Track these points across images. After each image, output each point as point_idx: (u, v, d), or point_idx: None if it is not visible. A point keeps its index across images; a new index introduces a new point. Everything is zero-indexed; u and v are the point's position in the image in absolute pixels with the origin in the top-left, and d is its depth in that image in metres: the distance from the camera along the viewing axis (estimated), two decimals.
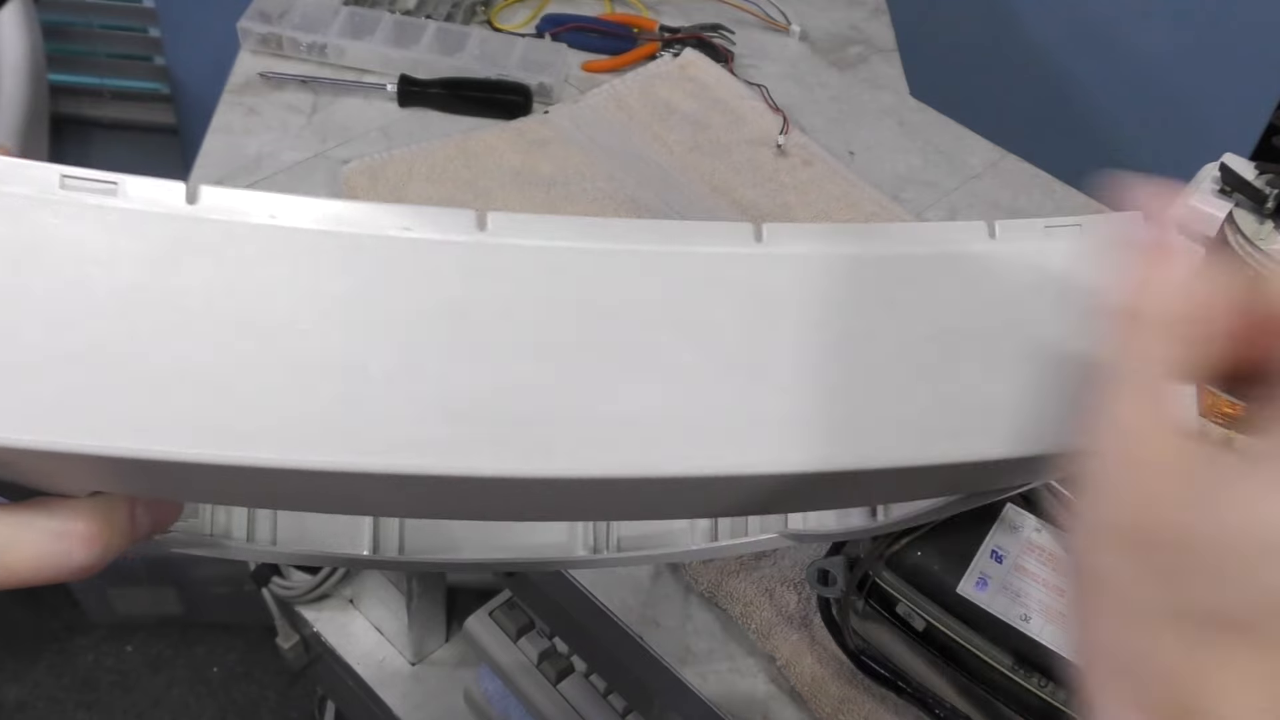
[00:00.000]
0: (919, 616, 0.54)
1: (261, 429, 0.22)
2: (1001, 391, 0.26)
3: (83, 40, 1.70)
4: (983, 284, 0.26)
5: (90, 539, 0.28)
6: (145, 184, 0.23)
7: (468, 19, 1.00)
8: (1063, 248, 0.27)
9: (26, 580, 0.28)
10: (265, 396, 0.22)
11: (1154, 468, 0.23)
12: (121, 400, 0.22)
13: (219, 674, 1.59)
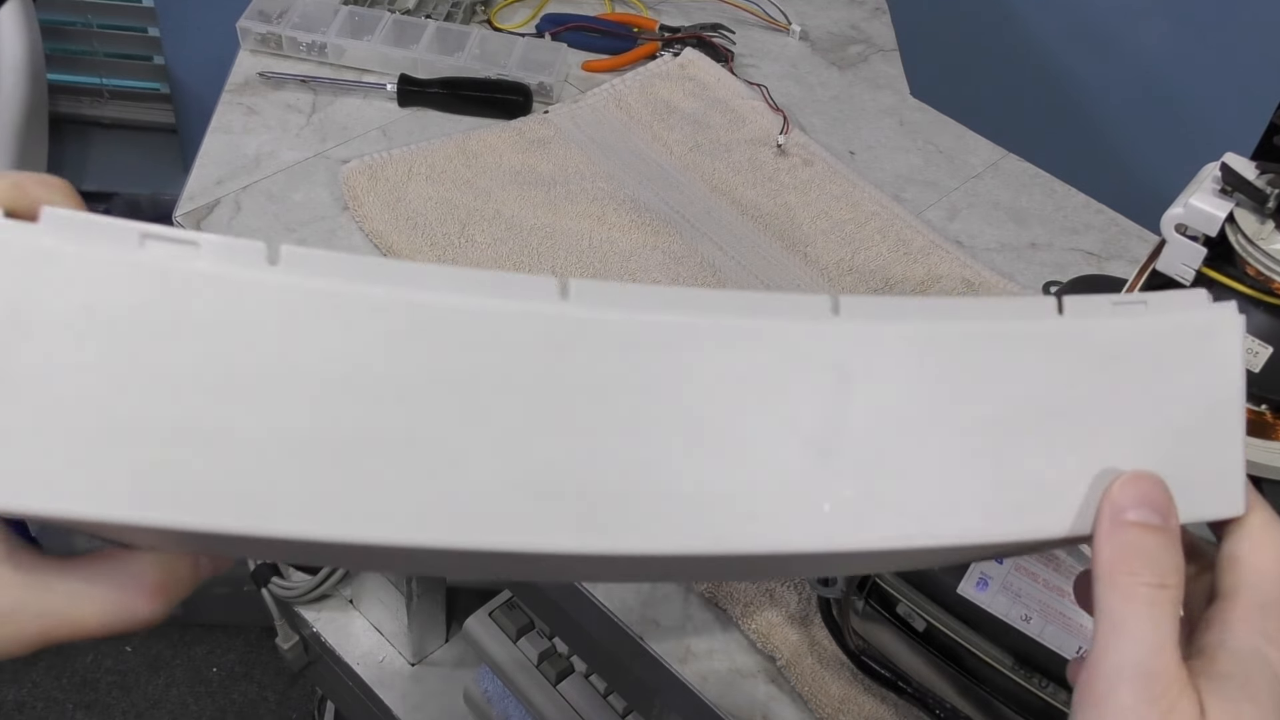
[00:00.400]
0: (919, 616, 0.54)
1: (362, 509, 0.22)
2: (1066, 471, 0.27)
3: (82, 40, 1.70)
4: (1051, 364, 0.27)
5: (156, 591, 0.28)
6: (225, 244, 0.23)
7: (468, 19, 1.00)
8: (1129, 325, 0.28)
9: (94, 634, 0.28)
10: (360, 473, 0.22)
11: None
12: (225, 474, 0.22)
13: (219, 674, 1.59)
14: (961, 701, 0.56)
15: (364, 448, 0.22)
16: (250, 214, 0.80)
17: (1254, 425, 0.50)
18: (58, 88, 1.72)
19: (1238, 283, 0.48)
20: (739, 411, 0.24)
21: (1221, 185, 0.48)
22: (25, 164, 1.51)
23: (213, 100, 0.89)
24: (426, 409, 0.23)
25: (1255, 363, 0.49)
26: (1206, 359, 0.28)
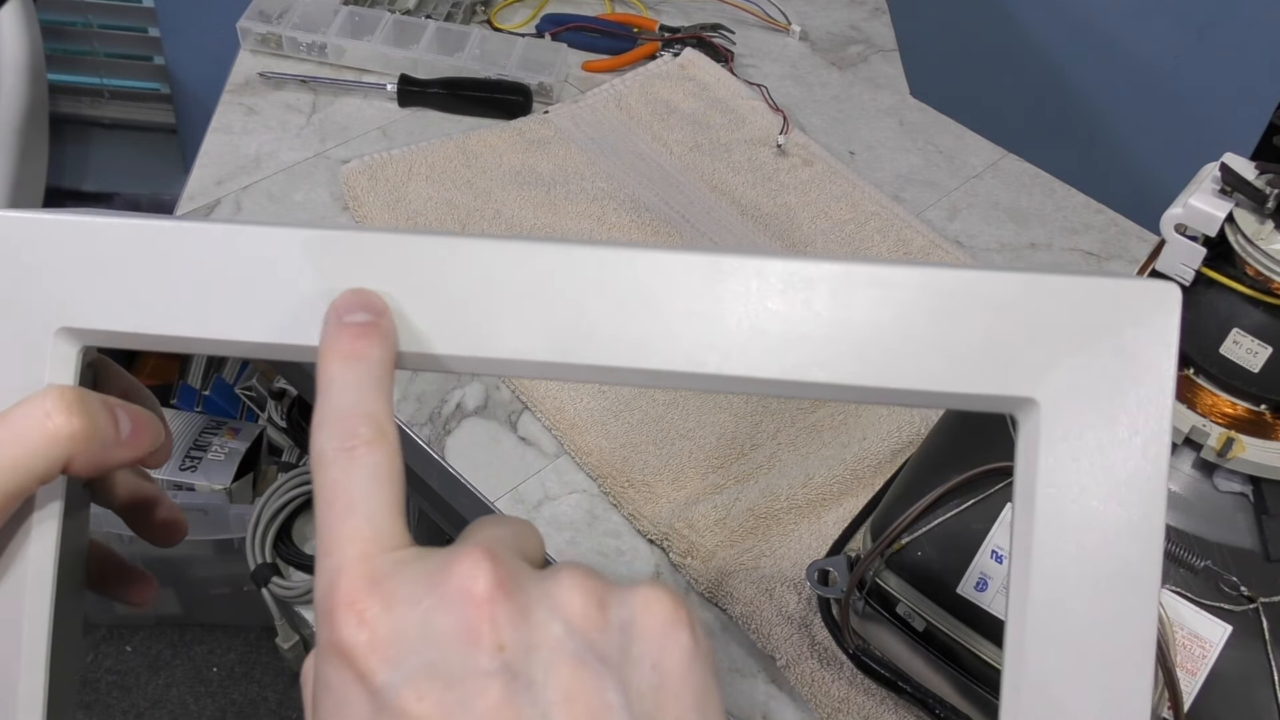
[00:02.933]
0: (919, 616, 0.54)
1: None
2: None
3: (82, 40, 1.70)
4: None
5: (67, 403, 0.29)
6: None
7: (468, 19, 1.00)
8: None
9: (13, 441, 0.29)
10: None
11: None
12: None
13: (218, 674, 1.59)
14: (961, 701, 0.56)
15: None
16: (250, 214, 0.80)
17: (1254, 425, 0.50)
18: (58, 88, 1.72)
19: (1237, 283, 0.48)
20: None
21: (1221, 185, 0.48)
22: (25, 164, 1.51)
23: (213, 100, 0.89)
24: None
25: (1255, 363, 0.49)
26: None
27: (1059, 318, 0.29)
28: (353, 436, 0.27)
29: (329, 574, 0.26)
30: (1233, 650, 0.48)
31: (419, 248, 0.30)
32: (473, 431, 0.69)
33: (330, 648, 0.25)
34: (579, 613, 0.26)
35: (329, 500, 0.27)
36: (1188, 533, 0.50)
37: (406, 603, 0.25)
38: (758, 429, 0.70)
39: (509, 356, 0.30)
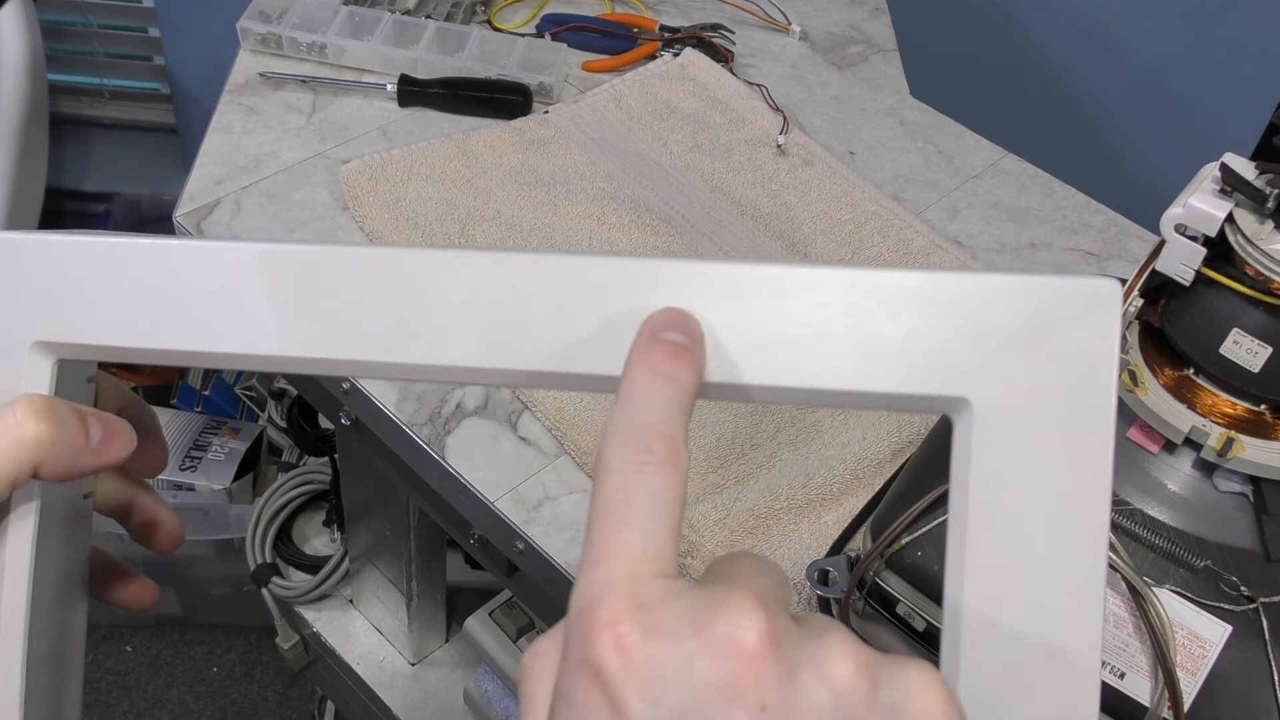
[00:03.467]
0: (919, 616, 0.54)
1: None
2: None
3: (83, 40, 1.70)
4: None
5: (35, 410, 0.31)
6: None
7: (468, 19, 1.00)
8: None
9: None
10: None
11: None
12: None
13: (218, 674, 1.59)
14: None
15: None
16: (250, 214, 0.80)
17: (1254, 425, 0.51)
18: (58, 88, 1.72)
19: (1237, 283, 0.48)
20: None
21: (1221, 185, 0.48)
22: (25, 164, 1.51)
23: (213, 100, 0.89)
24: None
25: (1255, 363, 0.49)
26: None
27: (995, 317, 0.28)
28: (647, 452, 0.26)
29: (593, 587, 0.25)
30: (1233, 650, 0.48)
31: (366, 261, 0.31)
32: (473, 431, 0.69)
33: (582, 664, 0.24)
34: (849, 684, 0.24)
35: (607, 509, 0.26)
36: (1188, 533, 0.50)
37: (669, 638, 0.24)
38: (758, 429, 0.70)
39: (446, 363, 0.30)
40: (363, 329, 0.30)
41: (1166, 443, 0.51)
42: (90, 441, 0.32)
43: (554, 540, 0.64)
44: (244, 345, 0.31)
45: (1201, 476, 0.51)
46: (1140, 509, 0.51)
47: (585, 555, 0.26)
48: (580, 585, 0.25)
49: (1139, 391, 0.51)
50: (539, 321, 0.30)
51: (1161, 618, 0.48)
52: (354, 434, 0.73)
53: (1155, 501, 0.51)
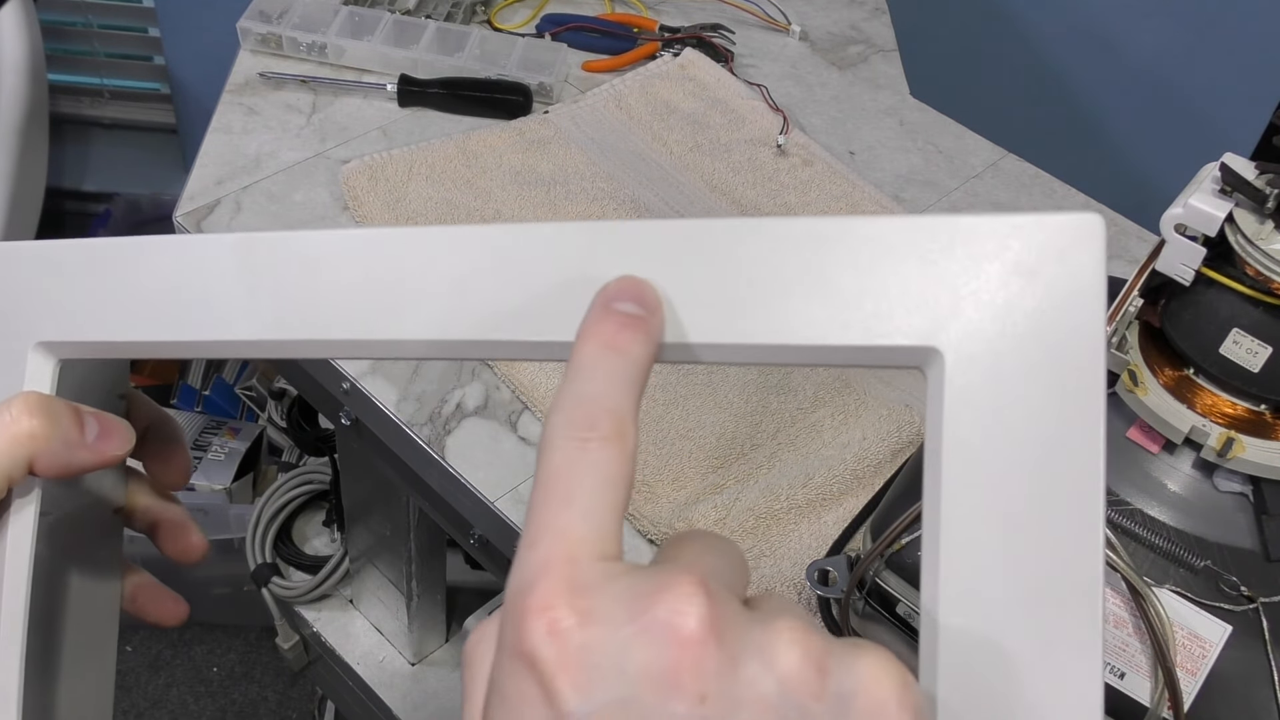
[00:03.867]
0: (919, 616, 0.54)
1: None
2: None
3: (83, 40, 1.70)
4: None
5: (30, 406, 0.31)
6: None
7: (468, 19, 1.00)
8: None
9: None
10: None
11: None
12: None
13: (219, 674, 1.59)
14: None
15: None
16: (250, 214, 0.80)
17: (1254, 425, 0.51)
18: (58, 88, 1.72)
19: (1237, 283, 0.48)
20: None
21: (1221, 185, 0.48)
22: (25, 164, 1.51)
23: (213, 100, 0.89)
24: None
25: (1255, 363, 0.49)
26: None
27: (965, 261, 0.25)
28: (591, 428, 0.25)
29: (529, 569, 0.24)
30: (1233, 650, 0.48)
31: (329, 244, 0.31)
32: (473, 431, 0.69)
33: (514, 653, 0.23)
34: (796, 673, 0.23)
35: (547, 487, 0.25)
36: (1188, 533, 0.50)
37: (606, 624, 0.23)
38: (758, 429, 0.70)
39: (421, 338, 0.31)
40: (326, 310, 0.31)
41: (1166, 443, 0.51)
42: (86, 438, 0.32)
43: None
44: (220, 333, 0.32)
45: (1201, 476, 0.51)
46: (1140, 509, 0.51)
47: (523, 536, 0.25)
48: (516, 567, 0.24)
49: (1139, 391, 0.51)
50: (499, 292, 0.29)
51: (1161, 618, 0.48)
52: (354, 434, 0.73)
53: (1155, 501, 0.51)
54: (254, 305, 0.31)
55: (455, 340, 0.30)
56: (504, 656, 0.24)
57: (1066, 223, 0.25)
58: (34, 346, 0.33)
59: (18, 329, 0.33)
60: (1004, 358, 0.25)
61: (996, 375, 0.25)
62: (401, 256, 0.30)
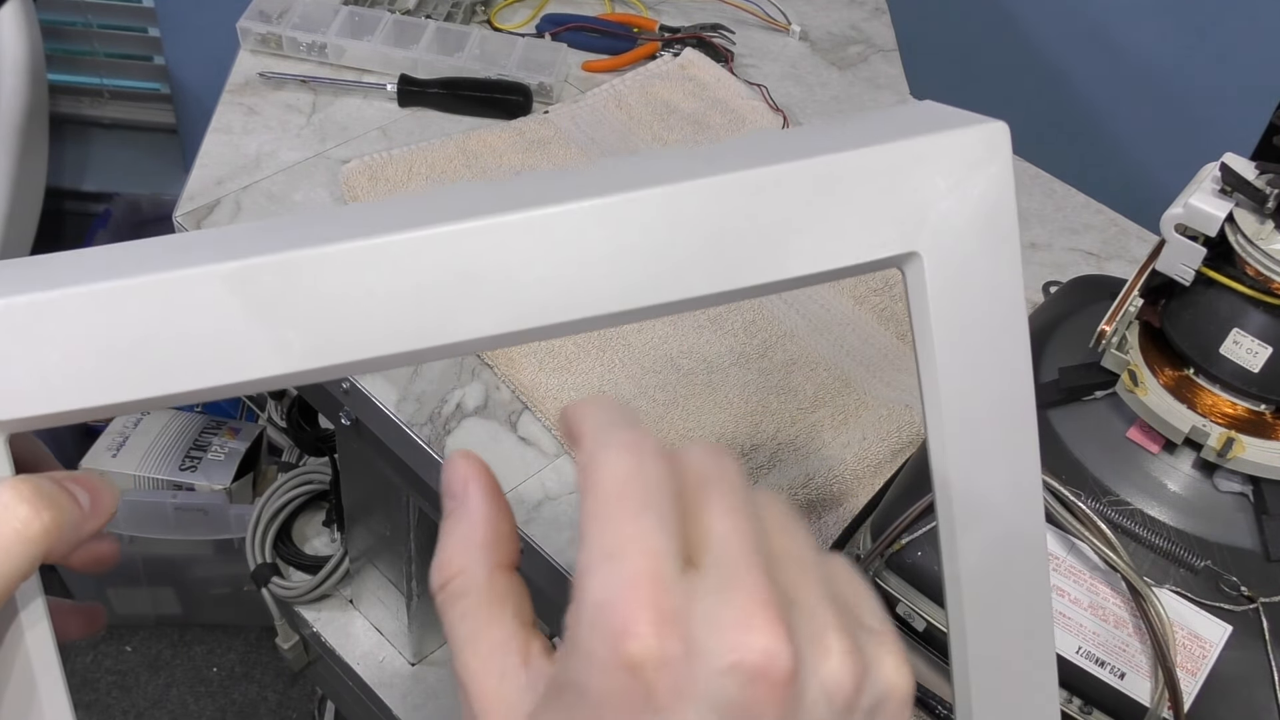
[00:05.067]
0: (919, 616, 0.54)
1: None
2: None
3: (82, 40, 1.70)
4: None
5: (26, 498, 0.28)
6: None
7: (468, 19, 1.00)
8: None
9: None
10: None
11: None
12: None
13: (218, 674, 1.59)
14: None
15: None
16: (250, 214, 0.80)
17: (1254, 425, 0.51)
18: (58, 88, 1.72)
19: (1237, 283, 0.48)
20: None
21: (1221, 185, 0.48)
22: (25, 164, 1.51)
23: (213, 100, 0.89)
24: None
25: (1255, 363, 0.49)
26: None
27: (914, 178, 0.32)
28: (648, 438, 0.27)
29: (617, 585, 0.25)
30: (1233, 650, 0.48)
31: (326, 261, 0.29)
32: (473, 431, 0.69)
33: (609, 665, 0.24)
34: (846, 697, 0.26)
35: (618, 492, 0.26)
36: (1188, 533, 0.50)
37: (703, 655, 0.24)
38: (758, 429, 0.70)
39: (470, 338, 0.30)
40: (364, 326, 0.30)
41: (1166, 443, 0.51)
42: (84, 507, 0.30)
43: (554, 540, 0.64)
44: (232, 375, 0.29)
45: (1201, 476, 0.51)
46: (1140, 509, 0.51)
47: (597, 543, 0.26)
48: (596, 577, 0.25)
49: (1139, 391, 0.51)
50: (554, 272, 0.30)
51: (1161, 618, 0.48)
52: (354, 434, 0.73)
53: (1155, 501, 0.51)
54: (275, 337, 0.29)
55: (519, 330, 0.31)
56: (591, 666, 0.25)
57: (981, 133, 0.32)
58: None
59: None
60: (957, 247, 0.33)
61: (954, 262, 0.33)
62: (384, 267, 0.29)
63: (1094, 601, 0.50)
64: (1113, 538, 0.49)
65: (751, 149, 0.33)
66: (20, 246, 1.51)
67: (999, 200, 0.33)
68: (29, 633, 0.30)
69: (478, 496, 0.31)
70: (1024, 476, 0.35)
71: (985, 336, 0.33)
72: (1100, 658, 0.50)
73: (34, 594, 0.30)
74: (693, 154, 0.33)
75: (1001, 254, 0.33)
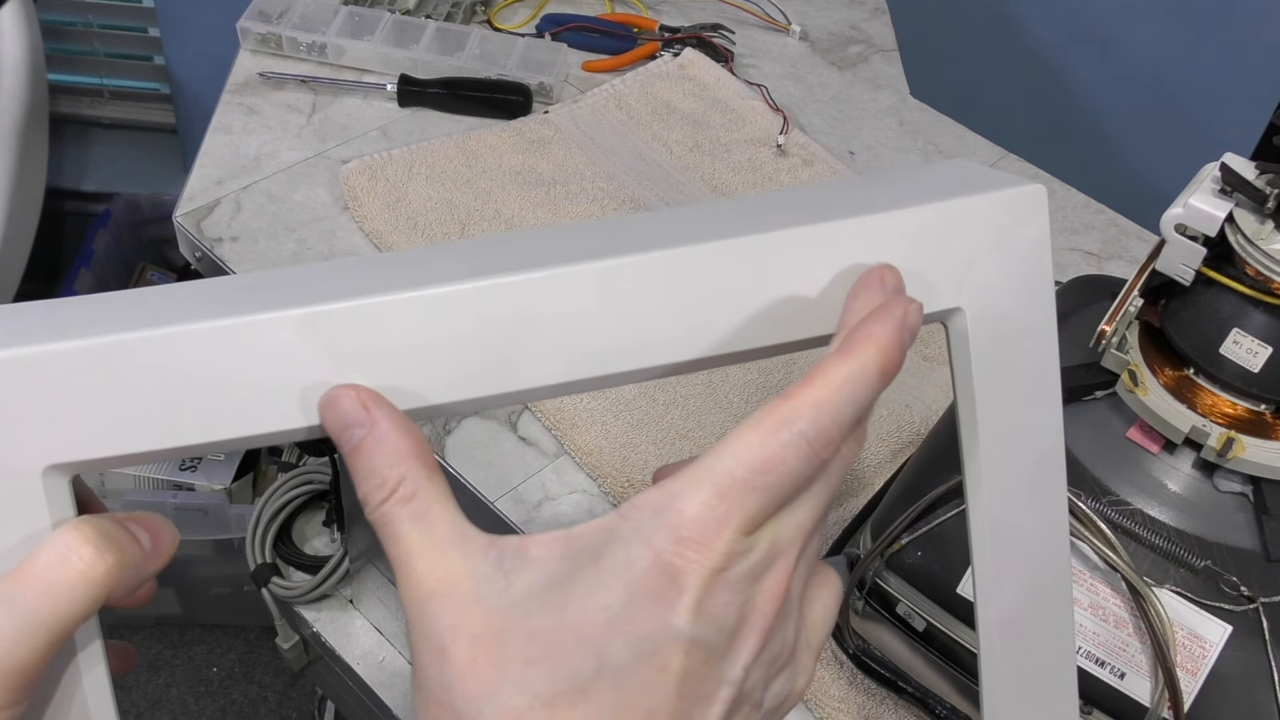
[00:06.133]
0: (919, 616, 0.54)
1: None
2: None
3: (83, 40, 1.70)
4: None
5: (90, 540, 0.28)
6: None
7: (468, 19, 1.00)
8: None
9: (49, 592, 0.27)
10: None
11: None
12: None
13: (218, 674, 1.59)
14: (961, 701, 0.56)
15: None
16: (250, 214, 0.80)
17: (1254, 425, 0.50)
18: (58, 88, 1.72)
19: (1238, 283, 0.48)
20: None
21: (1221, 185, 0.48)
22: (25, 164, 1.51)
23: (213, 100, 0.89)
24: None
25: (1255, 363, 0.49)
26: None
27: (958, 237, 0.33)
28: (827, 445, 0.30)
29: (705, 506, 0.28)
30: (1233, 650, 0.48)
31: (401, 309, 0.29)
32: (473, 431, 0.69)
33: (660, 558, 0.27)
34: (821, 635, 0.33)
35: (764, 470, 0.29)
36: (1188, 533, 0.50)
37: (730, 589, 0.28)
38: None
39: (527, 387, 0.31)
40: (430, 370, 0.30)
41: (1166, 443, 0.51)
42: (145, 550, 0.30)
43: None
44: (292, 421, 0.29)
45: (1201, 476, 0.51)
46: (1140, 509, 0.51)
47: (712, 473, 0.29)
48: (691, 485, 0.29)
49: (1139, 391, 0.51)
50: (614, 326, 0.31)
51: (1161, 618, 0.48)
52: None
53: (1155, 501, 0.51)
54: (342, 383, 0.29)
55: (587, 378, 0.32)
56: (643, 549, 0.27)
57: (1021, 195, 0.33)
58: (44, 471, 0.28)
59: (21, 453, 0.28)
60: (1000, 300, 0.34)
61: (996, 316, 0.34)
62: (489, 307, 0.30)
63: (1094, 601, 0.50)
64: (1113, 538, 0.49)
65: (801, 203, 0.34)
66: (20, 246, 1.51)
67: (1037, 258, 0.34)
68: (86, 676, 0.30)
69: (386, 415, 0.29)
70: (1054, 523, 0.36)
71: (1022, 389, 0.35)
72: (1100, 658, 0.50)
73: (93, 636, 0.30)
74: (745, 206, 0.35)
75: (1038, 309, 0.34)
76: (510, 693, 0.26)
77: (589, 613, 0.27)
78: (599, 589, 0.27)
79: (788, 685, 0.31)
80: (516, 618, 0.27)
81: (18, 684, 0.27)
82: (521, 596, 0.27)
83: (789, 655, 0.30)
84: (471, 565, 0.28)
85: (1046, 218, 0.34)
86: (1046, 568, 0.36)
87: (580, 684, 0.26)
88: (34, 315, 0.30)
